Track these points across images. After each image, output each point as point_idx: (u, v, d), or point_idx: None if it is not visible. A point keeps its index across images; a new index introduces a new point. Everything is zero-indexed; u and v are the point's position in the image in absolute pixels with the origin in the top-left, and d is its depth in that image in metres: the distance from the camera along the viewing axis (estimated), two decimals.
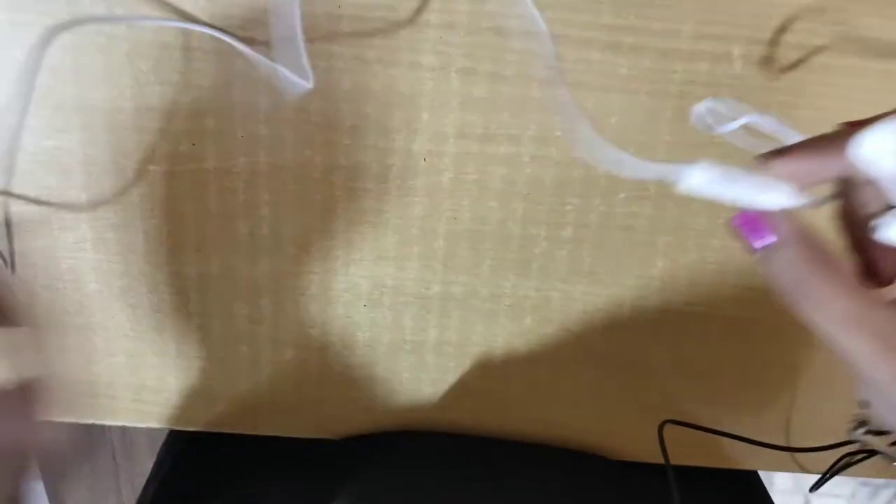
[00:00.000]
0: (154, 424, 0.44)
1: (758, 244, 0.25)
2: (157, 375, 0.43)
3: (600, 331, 0.41)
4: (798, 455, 0.43)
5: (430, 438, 0.44)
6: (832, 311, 0.24)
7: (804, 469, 0.44)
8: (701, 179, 0.25)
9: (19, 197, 0.39)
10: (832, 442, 0.41)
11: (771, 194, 0.25)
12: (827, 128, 0.37)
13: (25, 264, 0.40)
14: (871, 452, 0.30)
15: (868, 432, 0.30)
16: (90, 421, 0.44)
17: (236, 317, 0.41)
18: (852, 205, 0.26)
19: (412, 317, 0.41)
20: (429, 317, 0.41)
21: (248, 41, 0.34)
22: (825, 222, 0.26)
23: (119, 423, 0.44)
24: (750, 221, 0.25)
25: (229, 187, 0.38)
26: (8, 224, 0.38)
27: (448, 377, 0.43)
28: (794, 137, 0.26)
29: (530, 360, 0.42)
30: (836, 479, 0.43)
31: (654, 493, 0.42)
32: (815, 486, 0.40)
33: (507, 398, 0.43)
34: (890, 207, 0.25)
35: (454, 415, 0.44)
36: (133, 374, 0.43)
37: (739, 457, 0.40)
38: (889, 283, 0.27)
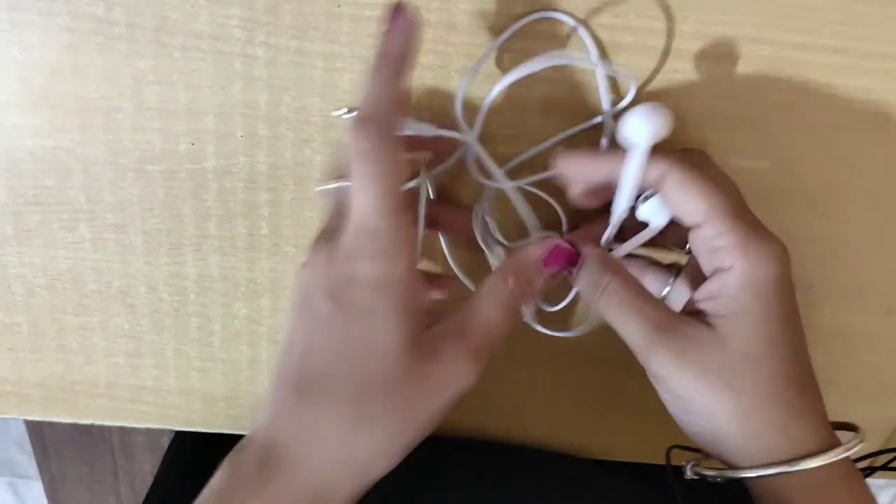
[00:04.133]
0: (154, 424, 0.44)
1: (568, 269, 0.33)
2: (156, 375, 0.43)
3: (601, 331, 0.41)
4: None
5: (434, 439, 0.44)
6: (615, 303, 0.31)
7: None
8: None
9: (19, 197, 0.39)
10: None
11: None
12: (829, 128, 0.37)
13: (25, 264, 0.40)
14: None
15: (696, 465, 0.33)
16: (90, 421, 0.44)
17: (236, 317, 0.41)
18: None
19: None
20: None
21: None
22: None
23: (119, 424, 0.44)
24: (559, 253, 0.33)
25: (229, 187, 0.38)
26: None
27: None
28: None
29: (530, 361, 0.42)
30: None
31: (657, 495, 0.42)
32: None
33: (507, 399, 0.43)
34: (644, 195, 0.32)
35: (455, 415, 0.44)
36: (133, 375, 0.43)
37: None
38: None
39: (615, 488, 0.44)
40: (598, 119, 0.35)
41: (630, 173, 0.31)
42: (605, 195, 0.33)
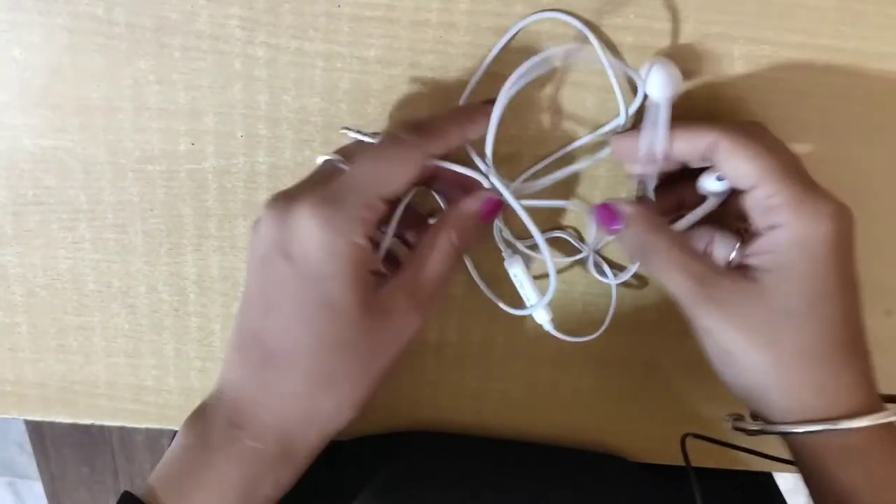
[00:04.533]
0: (154, 425, 0.44)
1: (612, 227, 0.34)
2: (156, 376, 0.43)
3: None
4: None
5: (438, 440, 0.44)
6: (662, 261, 0.32)
7: None
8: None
9: (19, 197, 0.39)
10: None
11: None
12: (829, 128, 0.37)
13: (25, 264, 0.40)
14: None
15: (738, 421, 0.34)
16: (90, 421, 0.44)
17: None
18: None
19: None
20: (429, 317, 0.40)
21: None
22: None
23: (119, 424, 0.44)
24: (604, 212, 0.34)
25: (229, 187, 0.38)
26: None
27: (448, 378, 0.43)
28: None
29: (530, 360, 0.42)
30: None
31: (663, 495, 0.42)
32: None
33: (508, 399, 0.43)
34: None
35: (455, 415, 0.44)
36: (132, 375, 0.43)
37: (752, 459, 0.40)
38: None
39: (629, 481, 0.44)
40: (620, 120, 0.35)
41: (660, 123, 0.32)
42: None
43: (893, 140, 0.37)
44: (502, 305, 0.39)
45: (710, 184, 0.34)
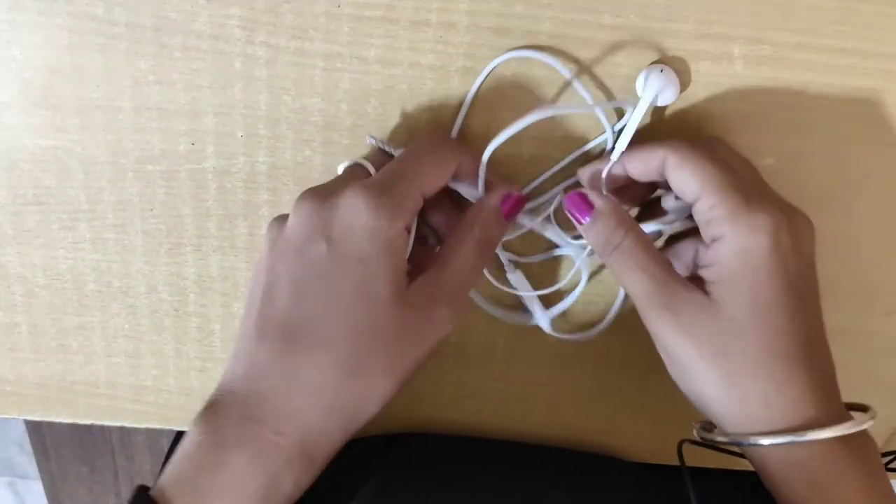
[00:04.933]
0: (154, 425, 0.44)
1: (582, 218, 0.33)
2: (156, 376, 0.43)
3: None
4: None
5: (438, 440, 0.44)
6: (625, 259, 0.32)
7: None
8: None
9: (19, 197, 0.39)
10: None
11: None
12: (829, 128, 0.37)
13: (25, 264, 0.40)
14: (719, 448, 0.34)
15: (703, 429, 0.34)
16: (90, 421, 0.44)
17: (236, 317, 0.41)
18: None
19: None
20: None
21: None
22: None
23: (119, 424, 0.44)
24: (576, 200, 0.34)
25: (229, 187, 0.38)
26: None
27: (448, 378, 0.43)
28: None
29: (530, 360, 0.42)
30: None
31: (662, 495, 0.42)
32: None
33: (508, 399, 0.43)
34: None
35: (455, 415, 0.44)
36: (132, 375, 0.43)
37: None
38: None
39: (628, 482, 0.44)
40: (603, 137, 0.36)
41: (633, 120, 0.34)
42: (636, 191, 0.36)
43: (893, 140, 0.37)
44: (501, 315, 0.39)
45: (667, 201, 0.35)
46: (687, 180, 0.31)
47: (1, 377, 0.43)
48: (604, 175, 0.34)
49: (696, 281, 0.32)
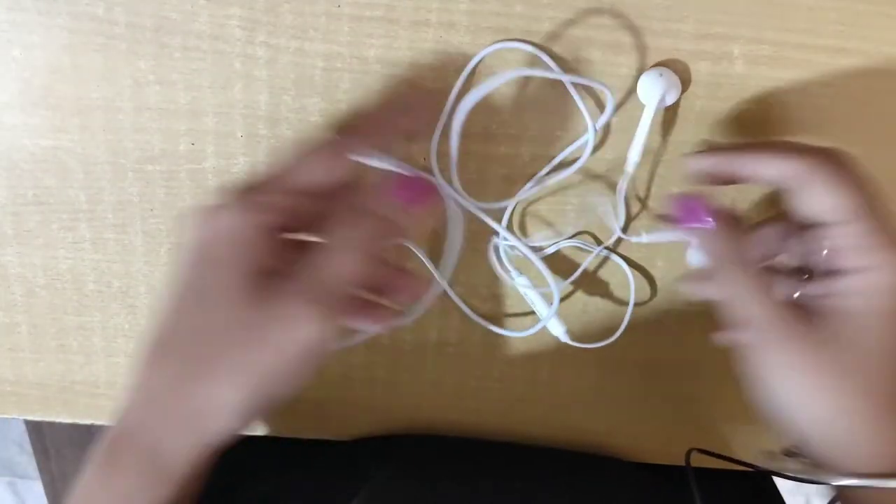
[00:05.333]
0: None
1: (703, 221, 0.32)
2: None
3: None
4: None
5: (438, 440, 0.44)
6: (740, 281, 0.30)
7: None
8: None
9: (19, 197, 0.39)
10: None
11: None
12: (829, 128, 0.37)
13: (25, 264, 0.40)
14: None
15: (785, 455, 0.33)
16: (90, 421, 0.44)
17: None
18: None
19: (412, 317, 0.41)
20: (429, 317, 0.41)
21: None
22: None
23: None
24: (693, 204, 0.32)
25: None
26: None
27: (448, 378, 0.43)
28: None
29: (530, 360, 0.42)
30: None
31: (662, 496, 0.42)
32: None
33: (508, 399, 0.43)
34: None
35: (455, 415, 0.44)
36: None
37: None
38: None
39: (627, 482, 0.44)
40: (587, 137, 0.36)
41: (642, 129, 0.34)
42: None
43: (893, 140, 0.37)
44: (500, 331, 0.39)
45: (693, 255, 0.36)
46: (837, 199, 0.29)
47: (1, 377, 0.43)
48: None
49: (797, 307, 0.31)
